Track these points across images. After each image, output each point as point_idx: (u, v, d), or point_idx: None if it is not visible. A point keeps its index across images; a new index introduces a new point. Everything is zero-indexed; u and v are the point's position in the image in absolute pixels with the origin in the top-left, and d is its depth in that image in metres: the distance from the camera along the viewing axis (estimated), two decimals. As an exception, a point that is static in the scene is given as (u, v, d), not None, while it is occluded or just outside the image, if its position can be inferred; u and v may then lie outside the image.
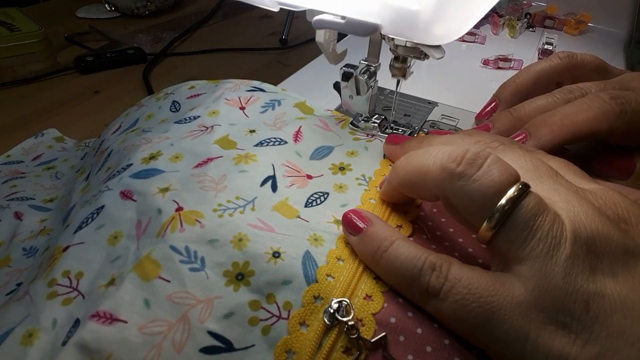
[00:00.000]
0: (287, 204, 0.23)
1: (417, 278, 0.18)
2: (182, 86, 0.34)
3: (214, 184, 0.23)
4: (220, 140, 0.26)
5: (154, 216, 0.21)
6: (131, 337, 0.17)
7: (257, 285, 0.19)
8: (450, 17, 0.22)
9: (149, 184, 0.23)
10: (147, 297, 0.18)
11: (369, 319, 0.18)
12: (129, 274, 0.19)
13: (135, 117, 0.32)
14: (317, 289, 0.19)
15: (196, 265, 0.19)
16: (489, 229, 0.17)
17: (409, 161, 0.21)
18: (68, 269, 0.20)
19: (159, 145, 0.26)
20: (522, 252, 0.16)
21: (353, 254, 0.21)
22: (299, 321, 0.18)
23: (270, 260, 0.19)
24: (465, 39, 0.54)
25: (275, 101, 0.31)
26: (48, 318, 0.19)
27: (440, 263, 0.18)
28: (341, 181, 0.25)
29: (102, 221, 0.22)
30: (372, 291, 0.19)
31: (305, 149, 0.27)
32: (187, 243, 0.20)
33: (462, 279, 0.17)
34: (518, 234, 0.16)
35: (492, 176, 0.17)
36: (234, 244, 0.20)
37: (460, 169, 0.17)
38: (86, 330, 0.17)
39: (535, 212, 0.16)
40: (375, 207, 0.23)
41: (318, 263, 0.20)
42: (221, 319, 0.18)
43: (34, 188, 0.33)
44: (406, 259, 0.18)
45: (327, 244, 0.21)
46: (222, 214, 0.21)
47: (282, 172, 0.25)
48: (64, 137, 0.41)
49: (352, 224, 0.21)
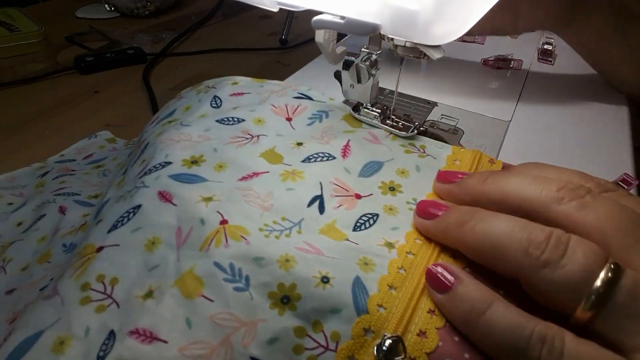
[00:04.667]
0: (334, 227, 0.22)
1: (524, 351, 0.16)
2: (224, 80, 0.33)
3: (260, 200, 0.22)
4: (266, 153, 0.26)
5: (195, 226, 0.20)
6: (171, 358, 0.17)
7: (303, 311, 0.18)
8: (450, 17, 0.22)
9: (191, 190, 0.22)
10: (188, 316, 0.18)
11: (422, 359, 0.17)
12: (170, 289, 0.18)
13: (172, 108, 0.31)
14: (367, 320, 0.17)
15: (240, 285, 0.18)
16: (586, 310, 0.16)
17: (480, 231, 0.18)
18: (102, 273, 0.19)
19: (201, 148, 0.26)
20: (634, 341, 0.15)
21: (406, 282, 0.19)
22: (348, 354, 0.17)
23: (318, 285, 0.18)
24: (465, 39, 0.54)
25: (322, 112, 0.30)
26: (81, 326, 0.18)
27: (552, 335, 0.16)
28: (391, 203, 0.24)
29: (139, 223, 0.21)
30: (426, 327, 0.18)
31: (354, 165, 0.26)
32: (232, 260, 0.19)
33: (582, 358, 0.15)
34: (622, 320, 0.15)
35: (578, 261, 0.16)
36: (281, 264, 0.19)
37: (545, 258, 0.16)
38: (124, 347, 0.17)
39: (635, 295, 0.15)
40: (422, 246, 0.21)
41: (369, 291, 0.18)
42: (265, 344, 0.17)
43: (81, 185, 0.33)
44: (509, 326, 0.16)
45: (378, 268, 0.19)
46: (268, 235, 0.20)
47: (330, 191, 0.24)
48: (115, 139, 0.42)
49: (438, 281, 0.18)
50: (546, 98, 0.41)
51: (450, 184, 0.23)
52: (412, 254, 0.20)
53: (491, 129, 0.35)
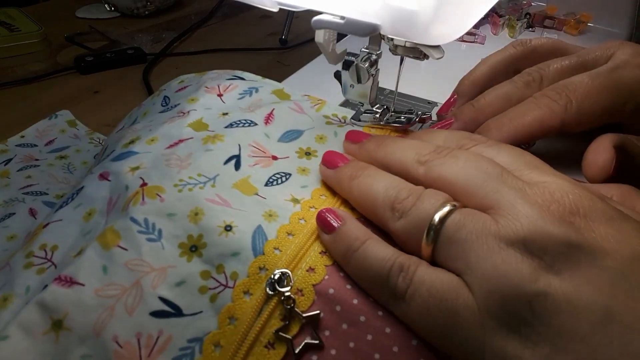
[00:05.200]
0: (247, 181, 0.23)
1: (386, 279, 0.18)
2: (173, 82, 0.35)
3: (179, 162, 0.24)
4: (193, 123, 0.27)
5: (122, 193, 0.22)
6: (86, 299, 0.19)
7: (208, 257, 0.20)
8: (450, 17, 0.22)
9: (123, 164, 0.24)
10: (105, 264, 0.20)
11: (308, 290, 0.19)
12: (92, 244, 0.20)
13: (135, 116, 0.33)
14: (262, 260, 0.19)
15: (153, 236, 0.20)
16: (428, 245, 0.18)
17: (364, 186, 0.21)
18: (45, 243, 0.22)
19: (140, 132, 0.27)
20: (461, 265, 0.17)
21: (304, 230, 0.21)
22: (243, 290, 0.19)
23: (222, 233, 0.20)
24: (465, 39, 0.54)
25: (253, 88, 0.31)
26: (22, 285, 0.20)
27: (408, 264, 0.18)
28: (305, 165, 0.26)
29: (80, 200, 0.24)
30: (315, 264, 0.20)
31: (275, 132, 0.27)
32: (147, 215, 0.21)
33: (425, 281, 0.17)
34: (451, 248, 0.17)
35: (425, 208, 0.19)
36: (191, 217, 0.21)
37: (401, 210, 0.19)
38: (47, 292, 0.19)
39: (460, 226, 0.17)
40: (324, 202, 0.23)
41: (268, 237, 0.20)
42: (173, 286, 0.19)
43: (47, 180, 0.35)
44: (376, 259, 0.18)
45: (280, 219, 0.21)
46: (182, 189, 0.22)
47: (248, 152, 0.25)
48: (76, 121, 0.42)
49: (326, 222, 0.20)
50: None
51: (354, 144, 0.25)
52: (315, 208, 0.22)
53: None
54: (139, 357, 0.18)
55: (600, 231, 0.16)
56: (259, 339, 0.18)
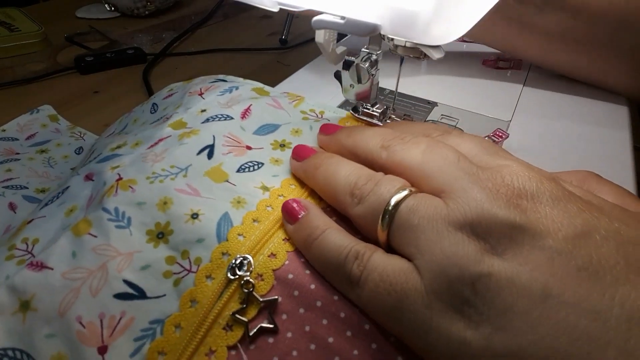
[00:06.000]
0: (220, 168, 0.24)
1: (342, 266, 0.18)
2: (163, 90, 0.35)
3: (154, 156, 0.24)
4: (173, 123, 0.28)
5: (100, 189, 0.23)
6: (53, 281, 0.19)
7: (174, 243, 0.20)
8: (450, 17, 0.22)
9: (106, 165, 0.25)
10: (75, 250, 0.20)
11: (268, 274, 0.19)
12: (65, 232, 0.21)
13: (125, 122, 0.34)
14: (226, 246, 0.20)
15: (122, 224, 0.21)
16: (383, 230, 0.18)
17: (326, 173, 0.22)
18: (27, 237, 0.23)
19: (127, 138, 0.28)
20: (413, 250, 0.17)
21: (270, 217, 0.21)
22: (206, 274, 0.19)
23: (188, 221, 0.21)
24: (465, 39, 0.54)
25: (233, 87, 0.32)
26: (2, 274, 0.21)
27: (363, 252, 0.18)
28: (279, 156, 0.26)
29: (65, 199, 0.25)
30: (277, 250, 0.20)
31: (251, 125, 0.28)
32: (117, 205, 0.22)
33: (378, 267, 0.17)
34: (404, 233, 0.18)
35: (381, 193, 0.19)
36: (159, 206, 0.21)
37: (359, 196, 0.20)
38: (18, 275, 0.20)
39: (413, 210, 0.18)
40: (293, 191, 0.24)
41: (234, 223, 0.21)
42: (138, 270, 0.20)
43: (27, 174, 0.35)
44: (334, 247, 0.19)
45: (248, 206, 0.22)
46: (153, 181, 0.23)
47: (222, 141, 0.26)
48: (58, 116, 0.42)
49: (290, 212, 0.21)
50: (546, 98, 0.41)
51: (326, 136, 0.26)
52: (284, 196, 0.23)
53: (491, 128, 0.35)
54: (101, 336, 0.18)
55: (545, 212, 0.16)
56: (217, 320, 0.18)
